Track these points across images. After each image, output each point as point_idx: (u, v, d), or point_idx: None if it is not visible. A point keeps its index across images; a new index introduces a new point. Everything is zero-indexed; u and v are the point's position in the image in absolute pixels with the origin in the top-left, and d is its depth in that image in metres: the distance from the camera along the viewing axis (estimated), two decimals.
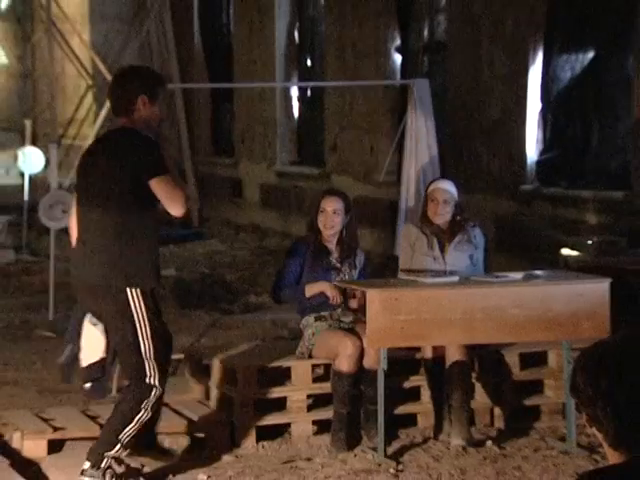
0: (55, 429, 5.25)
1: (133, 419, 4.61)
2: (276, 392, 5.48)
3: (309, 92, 12.79)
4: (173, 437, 5.30)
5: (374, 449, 5.18)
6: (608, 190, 8.41)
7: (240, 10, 13.55)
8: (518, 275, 5.49)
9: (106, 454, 4.59)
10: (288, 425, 5.47)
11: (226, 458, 5.17)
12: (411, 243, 5.76)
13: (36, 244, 11.37)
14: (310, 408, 5.53)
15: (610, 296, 7.52)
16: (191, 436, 5.32)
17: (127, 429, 4.60)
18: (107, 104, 6.69)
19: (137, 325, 4.59)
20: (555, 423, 5.70)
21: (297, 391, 5.49)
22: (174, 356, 6.45)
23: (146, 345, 4.61)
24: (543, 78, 9.08)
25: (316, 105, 12.50)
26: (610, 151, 8.70)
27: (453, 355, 5.39)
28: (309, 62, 12.71)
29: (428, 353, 5.49)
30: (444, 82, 10.04)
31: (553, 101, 9.10)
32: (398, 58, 10.89)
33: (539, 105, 9.12)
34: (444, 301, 5.21)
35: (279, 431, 5.45)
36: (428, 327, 5.15)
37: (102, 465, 4.58)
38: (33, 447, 5.13)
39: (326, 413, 5.48)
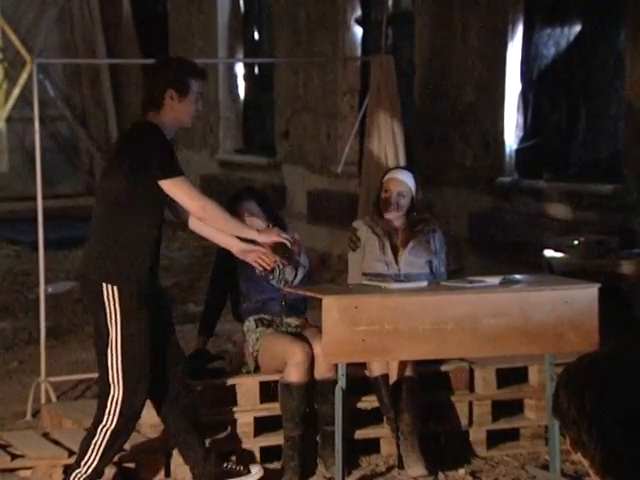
0: None
1: (96, 429, 4.76)
2: (219, 414, 5.47)
3: (257, 70, 12.78)
4: None
5: None
6: (596, 183, 8.49)
7: None
8: (495, 280, 5.50)
9: (75, 472, 4.77)
10: (232, 452, 5.47)
11: None
12: (361, 244, 5.77)
13: None
14: (257, 432, 5.52)
15: (599, 303, 7.61)
16: (119, 466, 5.29)
17: (94, 440, 4.76)
18: (20, 82, 6.65)
19: (108, 324, 4.75)
20: (537, 448, 5.74)
21: (243, 413, 5.49)
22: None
23: (112, 348, 4.74)
24: (523, 55, 9.14)
25: (265, 85, 12.49)
26: (599, 139, 8.78)
27: (398, 371, 5.40)
28: (256, 35, 12.71)
29: (375, 371, 5.48)
30: (411, 58, 10.08)
31: (535, 81, 9.17)
32: (359, 31, 10.92)
33: (519, 86, 9.18)
34: (411, 309, 5.19)
35: (223, 459, 5.43)
36: (392, 339, 5.11)
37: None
38: None
39: (276, 438, 5.48)
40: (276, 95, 11.96)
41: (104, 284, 4.73)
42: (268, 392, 5.56)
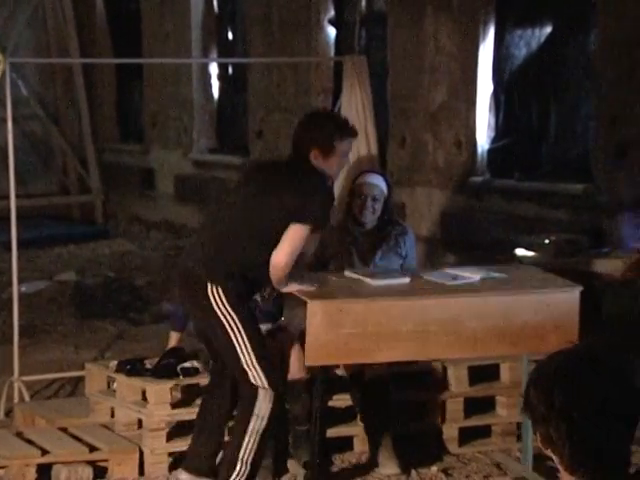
0: None
1: (243, 437, 4.70)
2: (192, 413, 5.43)
3: (230, 70, 12.76)
4: (72, 467, 5.26)
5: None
6: (567, 183, 8.53)
7: None
8: (476, 275, 5.46)
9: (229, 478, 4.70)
10: None
11: None
12: (331, 250, 5.74)
13: None
14: (231, 431, 5.51)
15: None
16: (94, 465, 5.28)
17: (244, 444, 4.69)
18: None
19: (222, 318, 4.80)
20: (508, 445, 5.77)
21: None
22: (75, 373, 6.43)
23: (238, 338, 4.79)
24: (495, 55, 9.18)
25: (239, 85, 12.48)
26: (569, 139, 8.82)
27: (371, 370, 5.40)
28: (230, 35, 12.69)
29: (349, 369, 5.47)
30: (384, 59, 10.09)
31: (506, 82, 9.21)
32: (332, 32, 10.93)
33: (490, 86, 9.22)
34: (395, 312, 5.15)
35: None
36: (375, 341, 5.08)
37: None
38: None
39: None
40: (250, 95, 11.95)
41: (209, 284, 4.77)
42: None
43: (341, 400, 5.64)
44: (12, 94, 6.84)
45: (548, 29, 8.92)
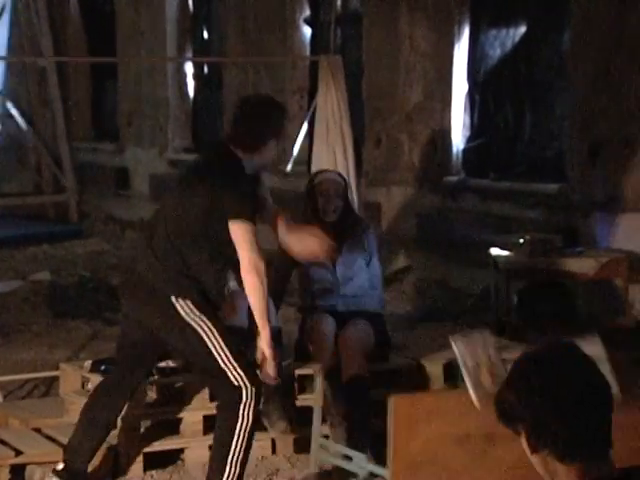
0: None
1: (231, 437, 4.59)
2: (168, 413, 5.45)
3: (206, 69, 12.76)
4: (46, 467, 5.23)
5: None
6: (541, 183, 8.57)
7: None
8: None
9: None
10: (181, 451, 5.45)
11: None
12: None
13: None
14: (207, 431, 5.51)
15: (545, 301, 7.69)
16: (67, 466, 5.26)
17: (233, 448, 4.59)
18: None
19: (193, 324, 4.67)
20: None
21: (192, 411, 5.46)
22: (49, 373, 6.40)
23: (212, 340, 4.67)
24: (470, 56, 9.21)
25: (214, 84, 12.48)
26: (544, 139, 8.86)
27: (350, 369, 5.41)
28: (205, 34, 12.69)
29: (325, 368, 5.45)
30: (359, 59, 10.11)
31: (481, 82, 9.24)
32: (307, 31, 10.95)
33: (465, 86, 9.25)
34: None
35: (171, 458, 5.43)
36: None
37: None
38: None
39: None
40: (225, 94, 11.94)
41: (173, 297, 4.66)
42: None
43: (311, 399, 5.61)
44: None
45: (522, 29, 8.96)
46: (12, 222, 12.38)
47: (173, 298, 4.63)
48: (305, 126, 8.13)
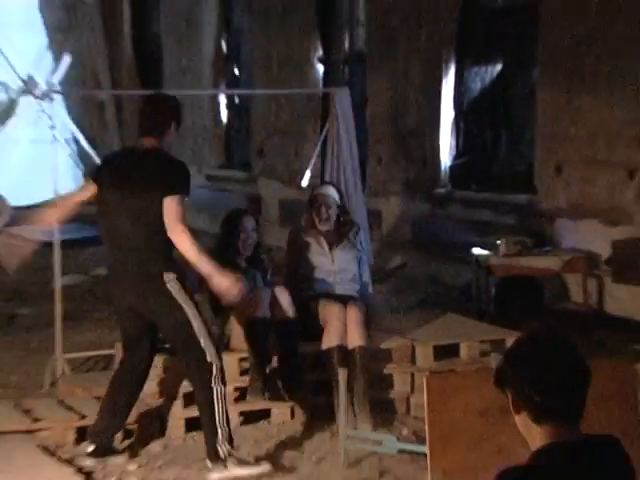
0: None
1: (213, 402, 4.59)
2: None
3: (237, 100, 12.77)
4: None
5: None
6: (515, 193, 8.56)
7: (169, 22, 13.47)
8: None
9: (217, 444, 4.59)
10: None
11: (156, 449, 5.12)
12: (298, 247, 5.88)
13: None
14: (237, 399, 5.50)
15: (518, 292, 7.67)
16: (123, 428, 5.26)
17: (216, 412, 4.59)
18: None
19: (180, 303, 4.61)
20: None
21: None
22: (107, 351, 6.41)
23: (193, 320, 4.62)
24: (456, 89, 9.20)
25: (243, 112, 12.49)
26: (516, 157, 8.85)
27: (355, 341, 5.40)
28: (236, 71, 12.70)
29: (333, 342, 5.40)
30: (364, 91, 10.11)
31: (465, 111, 9.24)
32: (320, 68, 10.95)
33: (452, 114, 9.24)
34: None
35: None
36: None
37: (221, 455, 4.58)
38: None
39: (251, 405, 5.47)
40: (252, 120, 11.96)
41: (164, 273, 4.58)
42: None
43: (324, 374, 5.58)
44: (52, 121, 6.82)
45: (498, 67, 8.96)
46: (77, 227, 12.38)
47: (164, 275, 4.54)
48: (318, 146, 8.12)
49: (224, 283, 4.53)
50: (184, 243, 4.47)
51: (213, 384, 4.58)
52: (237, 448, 4.73)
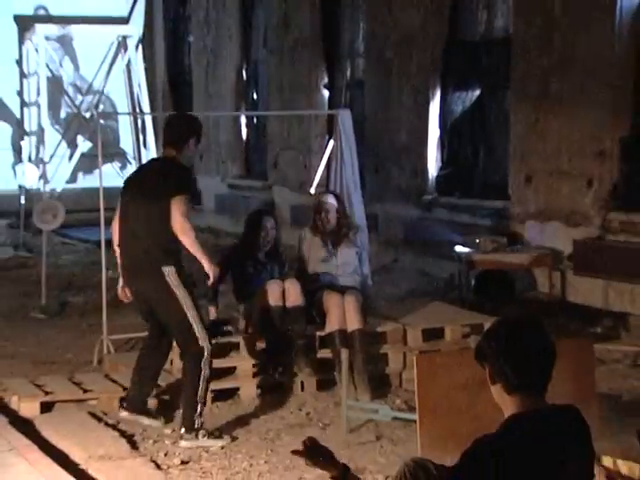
0: (46, 393, 5.20)
1: (198, 382, 4.57)
2: (228, 362, 5.44)
3: (255, 120, 12.77)
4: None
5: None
6: (491, 199, 8.55)
7: (198, 55, 13.49)
8: None
9: (194, 416, 4.57)
10: (237, 389, 5.44)
11: None
12: (307, 245, 5.87)
13: (31, 243, 11.17)
14: (255, 375, 5.50)
15: (491, 284, 7.66)
16: (158, 398, 5.27)
17: (199, 389, 4.57)
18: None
19: (175, 292, 4.59)
20: None
21: (244, 361, 5.45)
22: (145, 334, 6.42)
23: (188, 306, 4.60)
24: (440, 111, 9.19)
25: (260, 130, 12.49)
26: (492, 169, 8.84)
27: (353, 324, 5.39)
28: (255, 96, 12.70)
29: (335, 326, 5.41)
30: (363, 112, 10.11)
31: (449, 129, 9.22)
32: (326, 93, 10.94)
33: (438, 132, 9.23)
34: None
35: (230, 394, 5.42)
36: None
37: (195, 426, 4.57)
38: (28, 408, 5.07)
39: (269, 378, 5.47)
40: (268, 137, 11.97)
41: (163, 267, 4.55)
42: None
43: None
44: (103, 138, 6.84)
45: (477, 92, 8.95)
46: None
47: (163, 268, 4.52)
48: (324, 159, 8.12)
49: (206, 266, 4.61)
50: (186, 237, 4.51)
51: (202, 365, 4.56)
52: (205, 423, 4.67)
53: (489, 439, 2.35)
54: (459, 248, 7.82)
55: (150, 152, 13.94)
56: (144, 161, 14.15)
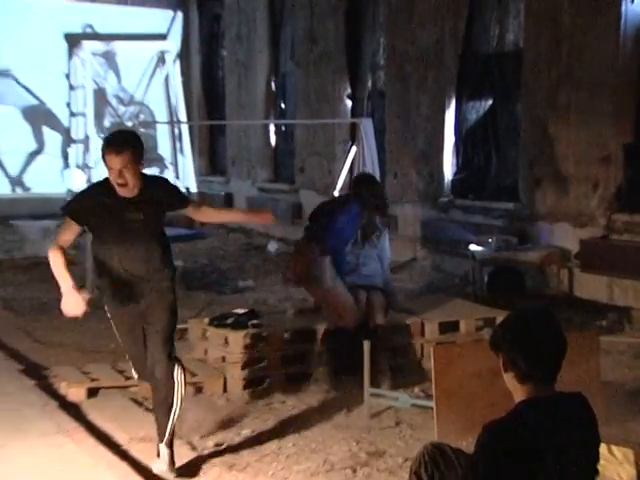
0: (92, 380, 5.25)
1: (174, 401, 3.96)
2: (257, 352, 5.46)
3: (283, 128, 12.80)
4: None
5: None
6: (503, 202, 8.52)
7: (231, 67, 13.54)
8: None
9: (167, 437, 3.98)
10: (265, 377, 5.45)
11: (219, 401, 5.15)
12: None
13: (78, 241, 11.26)
14: (283, 364, 5.50)
15: (503, 280, 7.62)
16: (194, 386, 5.30)
17: (174, 410, 3.96)
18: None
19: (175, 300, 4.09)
20: None
21: (274, 352, 5.46)
22: (182, 325, 6.44)
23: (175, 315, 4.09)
24: (456, 119, 9.17)
25: (288, 137, 12.51)
26: (504, 173, 8.80)
27: (375, 321, 5.38)
28: (283, 106, 12.73)
29: (355, 322, 5.41)
30: (383, 121, 10.10)
31: (463, 136, 9.20)
32: (349, 103, 10.95)
33: (453, 139, 9.21)
34: None
35: (260, 382, 5.43)
36: None
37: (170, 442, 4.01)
38: (75, 393, 5.12)
39: (294, 368, 5.48)
40: (295, 144, 11.99)
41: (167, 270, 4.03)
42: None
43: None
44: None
45: (490, 101, 8.91)
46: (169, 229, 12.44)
47: (166, 270, 3.96)
48: (347, 164, 8.14)
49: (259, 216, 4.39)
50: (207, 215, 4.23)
51: (177, 379, 3.93)
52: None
53: (499, 425, 2.35)
54: (473, 247, 7.80)
55: (186, 158, 14.04)
56: (180, 166, 14.30)
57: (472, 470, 2.35)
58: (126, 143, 3.79)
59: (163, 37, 14.13)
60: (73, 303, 3.80)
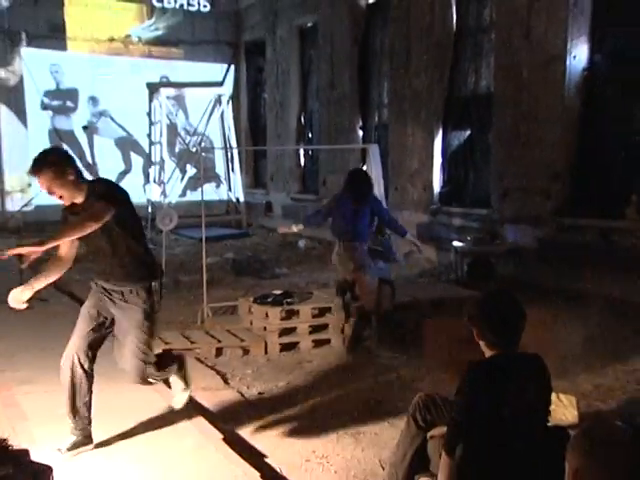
0: (166, 343, 5.26)
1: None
2: (290, 323, 5.46)
3: (310, 152, 12.81)
4: (232, 349, 5.31)
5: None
6: (478, 208, 8.48)
7: (270, 106, 13.56)
8: None
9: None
10: (297, 343, 5.46)
11: (261, 361, 5.17)
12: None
13: (155, 239, 11.37)
14: (311, 332, 5.52)
15: (481, 269, 7.58)
16: (243, 349, 5.32)
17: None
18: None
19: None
20: None
21: (303, 323, 5.48)
22: (233, 303, 6.46)
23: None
24: (442, 145, 9.14)
25: (314, 159, 12.53)
26: (479, 186, 8.76)
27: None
28: (310, 135, 12.74)
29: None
30: (387, 147, 10.08)
31: (448, 158, 9.16)
32: (360, 132, 10.93)
33: (440, 160, 9.18)
34: None
35: (293, 346, 5.44)
36: None
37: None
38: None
39: (319, 335, 5.49)
40: (319, 164, 12.00)
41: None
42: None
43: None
44: (203, 166, 6.83)
45: (468, 132, 8.87)
46: (215, 229, 12.56)
47: (138, 286, 3.28)
48: None
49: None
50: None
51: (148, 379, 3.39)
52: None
53: (478, 364, 2.35)
54: (456, 243, 7.78)
55: (236, 175, 14.08)
56: (232, 182, 14.33)
57: (458, 394, 2.37)
58: (44, 165, 3.08)
59: (220, 84, 14.28)
60: (13, 299, 3.14)
